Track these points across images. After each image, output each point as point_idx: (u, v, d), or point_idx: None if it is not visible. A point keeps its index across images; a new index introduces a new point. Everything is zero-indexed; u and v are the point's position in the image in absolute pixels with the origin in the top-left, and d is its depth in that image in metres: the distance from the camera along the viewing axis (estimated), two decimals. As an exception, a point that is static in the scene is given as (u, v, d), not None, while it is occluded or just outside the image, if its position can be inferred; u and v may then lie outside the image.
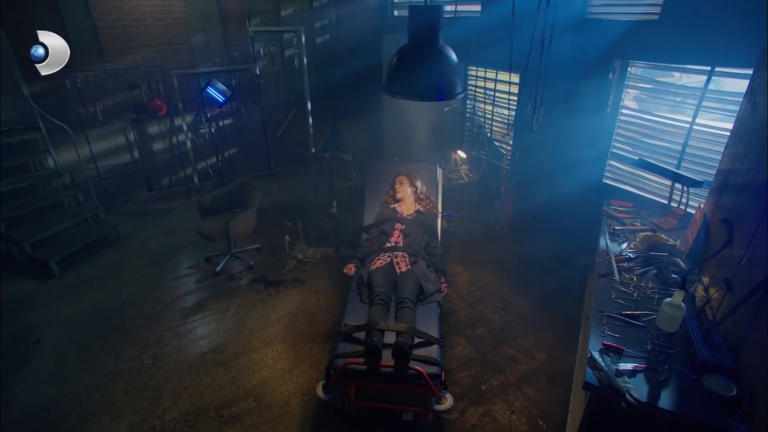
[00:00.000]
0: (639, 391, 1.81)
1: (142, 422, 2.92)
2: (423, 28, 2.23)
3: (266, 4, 6.62)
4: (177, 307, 4.07)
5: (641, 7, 3.61)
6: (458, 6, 5.66)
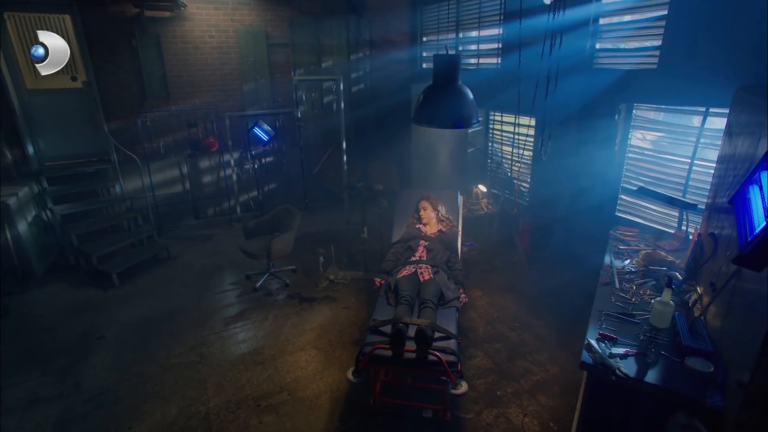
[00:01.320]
0: (629, 369, 2.09)
1: (189, 407, 3.29)
2: (444, 71, 2.76)
3: (309, 57, 7.49)
4: (220, 315, 4.52)
5: (641, 58, 4.09)
6: (480, 59, 6.33)
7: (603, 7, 4.40)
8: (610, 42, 4.48)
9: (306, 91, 7.45)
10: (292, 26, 7.20)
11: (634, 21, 4.20)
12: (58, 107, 6.18)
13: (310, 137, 7.66)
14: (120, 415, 3.20)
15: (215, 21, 6.67)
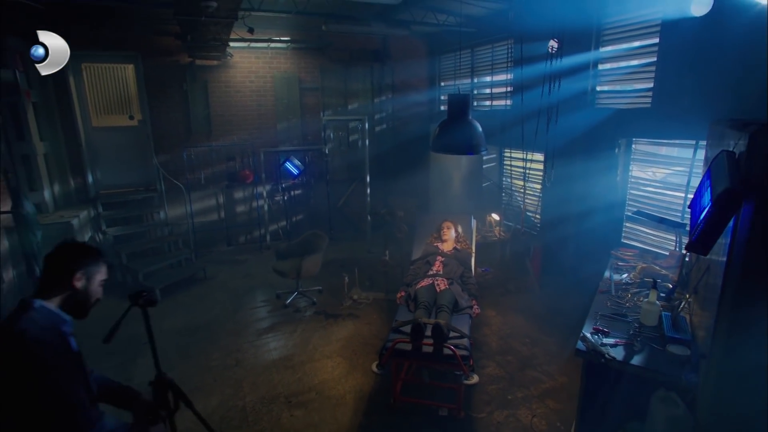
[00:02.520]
0: (617, 355, 2.42)
1: (228, 401, 3.66)
2: (457, 107, 3.28)
3: (337, 100, 8.24)
4: (253, 327, 4.93)
5: (636, 98, 4.58)
6: (493, 101, 6.92)
7: (601, 55, 4.95)
8: (608, 84, 4.99)
9: (333, 129, 8.15)
10: (322, 72, 8.01)
11: (628, 66, 4.72)
12: (115, 142, 6.97)
13: (335, 172, 8.27)
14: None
15: (255, 68, 7.51)
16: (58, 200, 6.33)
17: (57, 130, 6.38)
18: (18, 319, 1.55)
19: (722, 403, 1.92)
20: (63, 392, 1.56)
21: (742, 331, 1.77)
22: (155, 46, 6.74)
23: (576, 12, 4.81)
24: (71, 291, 1.72)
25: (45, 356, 1.52)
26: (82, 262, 1.75)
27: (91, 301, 1.82)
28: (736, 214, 1.73)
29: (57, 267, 1.72)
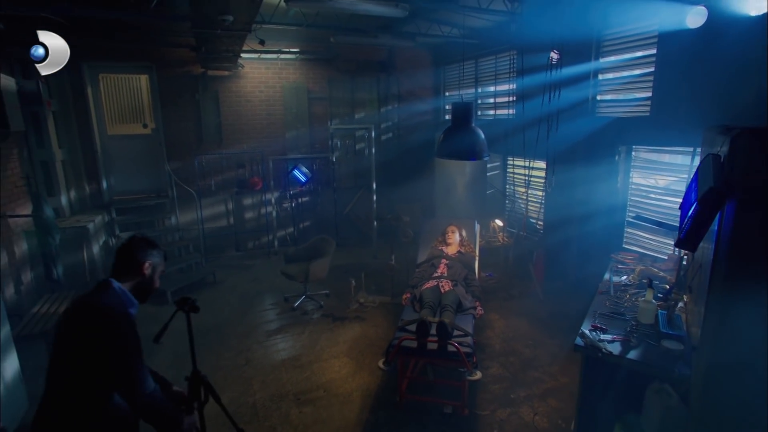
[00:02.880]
0: (613, 350, 2.53)
1: (238, 398, 3.78)
2: (461, 114, 3.43)
3: (344, 109, 8.44)
4: (262, 329, 5.06)
5: (636, 107, 4.72)
6: (497, 110, 7.08)
7: (601, 65, 5.10)
8: (608, 94, 5.14)
9: (340, 138, 8.33)
10: (330, 83, 8.22)
11: (627, 76, 4.86)
12: (129, 149, 7.20)
13: (342, 179, 8.43)
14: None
15: (265, 78, 7.73)
16: (74, 205, 6.54)
17: (74, 138, 6.61)
18: (101, 295, 1.81)
19: (712, 393, 2.03)
20: (133, 358, 1.80)
21: (729, 321, 1.89)
22: (169, 58, 6.98)
23: (577, 24, 4.97)
24: (140, 278, 1.95)
25: (125, 328, 1.77)
26: (151, 254, 1.99)
27: (152, 288, 2.03)
28: (720, 212, 1.85)
29: (129, 256, 1.94)
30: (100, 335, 1.72)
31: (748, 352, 1.87)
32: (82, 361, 1.74)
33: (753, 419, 1.88)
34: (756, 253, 1.77)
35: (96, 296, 1.81)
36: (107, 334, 1.73)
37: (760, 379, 1.87)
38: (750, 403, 1.90)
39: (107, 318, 1.74)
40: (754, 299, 1.78)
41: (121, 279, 1.91)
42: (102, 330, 1.72)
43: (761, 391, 1.86)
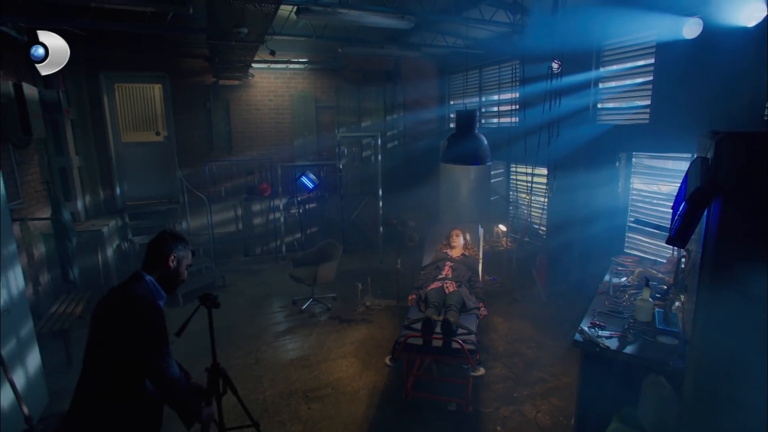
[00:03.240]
0: (611, 345, 2.64)
1: (249, 395, 3.90)
2: (464, 122, 3.58)
3: (351, 117, 8.64)
4: (271, 330, 5.19)
5: (635, 114, 4.85)
6: (500, 118, 7.24)
7: (601, 74, 5.25)
8: (609, 102, 5.28)
9: (347, 146, 8.51)
10: (337, 92, 8.43)
11: (627, 85, 5.01)
12: (142, 156, 7.41)
13: (349, 186, 8.59)
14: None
15: (274, 88, 7.95)
16: (89, 210, 6.74)
17: (90, 145, 6.83)
18: (134, 286, 1.94)
19: (703, 384, 2.13)
20: (161, 346, 1.92)
21: (717, 313, 2.00)
22: (182, 68, 7.22)
23: (577, 34, 5.12)
24: (167, 270, 2.06)
25: (155, 318, 1.91)
26: (176, 247, 2.10)
27: (179, 280, 2.13)
28: (707, 210, 1.97)
29: (157, 249, 2.07)
30: (132, 323, 1.85)
31: (736, 343, 1.98)
32: (116, 348, 1.87)
33: (741, 407, 1.98)
34: (740, 247, 1.89)
35: (130, 287, 1.95)
36: (139, 322, 1.86)
37: (748, 369, 1.97)
38: (738, 392, 2.00)
39: (139, 308, 1.87)
40: (740, 291, 1.89)
41: (150, 271, 2.04)
42: (134, 319, 1.86)
43: (749, 380, 1.96)
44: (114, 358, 1.88)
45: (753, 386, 1.94)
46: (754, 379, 1.94)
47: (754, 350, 1.92)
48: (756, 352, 1.92)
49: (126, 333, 1.86)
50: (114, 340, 1.87)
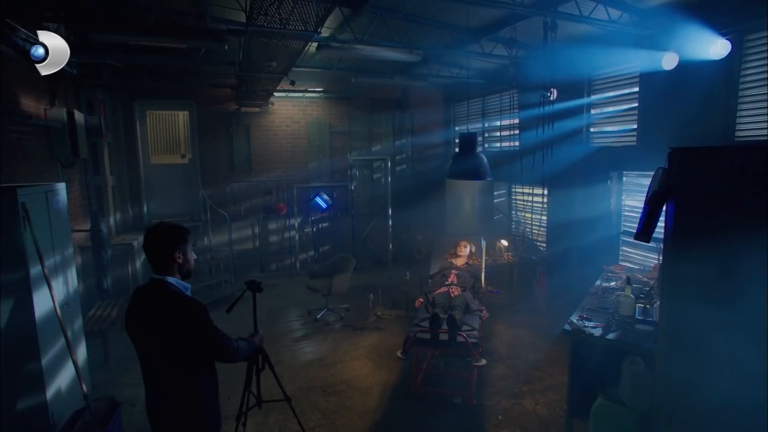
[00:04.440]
0: (595, 333, 3.02)
1: (271, 389, 4.24)
2: (467, 142, 4.07)
3: (362, 142, 9.21)
4: (289, 336, 5.58)
5: (623, 137, 5.33)
6: (503, 143, 7.75)
7: (592, 100, 5.77)
8: (600, 126, 5.77)
9: (359, 168, 9.05)
10: (349, 118, 9.04)
11: (615, 111, 5.50)
12: (168, 177, 7.98)
13: (360, 206, 9.07)
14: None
15: (291, 114, 8.57)
16: (119, 225, 7.26)
17: (122, 166, 7.42)
18: (165, 289, 2.04)
19: (669, 360, 2.50)
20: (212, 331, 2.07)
21: (676, 294, 2.39)
22: (208, 96, 7.87)
23: (569, 65, 5.65)
24: (177, 266, 2.11)
25: (197, 311, 2.04)
26: (175, 242, 2.10)
27: (191, 265, 2.19)
28: (665, 210, 2.40)
29: (159, 252, 2.07)
30: (188, 329, 1.99)
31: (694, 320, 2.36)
32: (172, 345, 2.01)
33: (701, 374, 2.34)
34: (690, 237, 2.30)
35: (162, 292, 2.03)
36: (194, 327, 2.01)
37: (704, 347, 2.35)
38: (697, 364, 2.37)
39: (190, 314, 2.00)
40: (693, 275, 2.29)
41: (164, 273, 2.06)
42: (189, 325, 2.00)
43: (706, 351, 2.33)
44: (173, 355, 2.04)
45: (710, 356, 2.31)
46: (710, 350, 2.31)
47: (709, 326, 2.30)
48: (710, 327, 2.30)
49: (184, 336, 2.00)
50: (170, 340, 2.00)
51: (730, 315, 2.17)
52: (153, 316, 2.04)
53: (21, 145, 4.56)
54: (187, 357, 2.07)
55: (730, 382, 2.19)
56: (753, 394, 2.12)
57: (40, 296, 3.11)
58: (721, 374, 2.23)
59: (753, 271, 2.08)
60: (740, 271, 2.14)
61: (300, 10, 3.02)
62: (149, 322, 2.05)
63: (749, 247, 2.08)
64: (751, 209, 2.09)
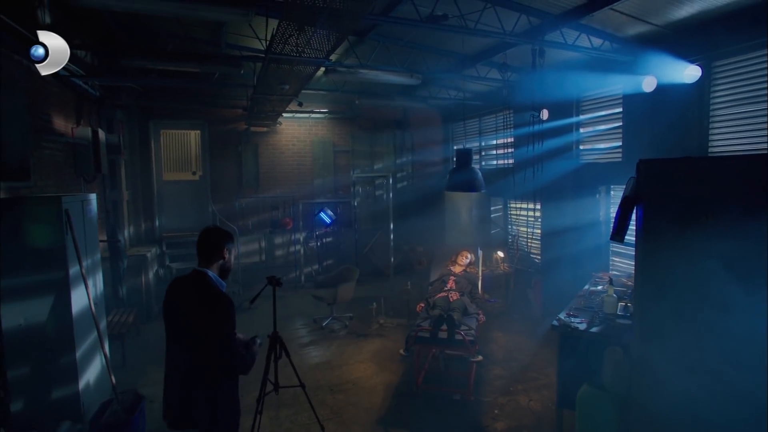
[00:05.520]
0: (581, 327, 3.33)
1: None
2: (463, 158, 4.45)
3: (365, 160, 9.63)
4: (297, 342, 5.85)
5: (609, 154, 5.72)
6: (498, 161, 8.16)
7: (581, 119, 6.19)
8: (588, 143, 6.18)
9: (361, 185, 9.45)
10: (352, 138, 9.48)
11: (602, 129, 5.92)
12: (180, 193, 8.36)
13: (362, 221, 9.43)
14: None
15: (297, 134, 9.02)
16: (132, 239, 7.59)
17: (137, 182, 7.80)
18: (204, 281, 2.31)
19: (643, 347, 2.81)
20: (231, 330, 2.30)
21: (647, 286, 2.72)
22: (219, 116, 8.33)
23: (559, 88, 6.10)
24: (222, 261, 2.39)
25: (228, 304, 2.28)
26: (228, 240, 2.44)
27: (231, 264, 2.50)
28: (635, 213, 2.75)
29: (211, 245, 2.39)
30: (220, 316, 2.24)
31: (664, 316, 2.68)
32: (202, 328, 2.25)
33: (668, 357, 2.65)
34: (656, 236, 2.63)
35: (201, 282, 2.29)
36: (225, 315, 2.26)
37: (672, 335, 2.66)
38: (666, 346, 2.68)
39: (223, 305, 2.26)
40: (659, 270, 2.63)
41: (208, 266, 2.33)
42: (221, 313, 2.25)
43: (673, 337, 2.65)
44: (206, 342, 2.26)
45: (676, 341, 2.62)
46: (676, 336, 2.62)
47: (675, 315, 2.62)
48: (676, 316, 2.62)
49: (214, 322, 2.24)
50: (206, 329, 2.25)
51: (691, 305, 2.50)
52: (192, 300, 2.29)
53: (52, 161, 4.94)
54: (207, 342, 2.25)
55: (695, 366, 2.50)
56: (713, 375, 2.42)
57: (77, 294, 3.43)
58: (686, 359, 2.54)
59: (710, 265, 2.42)
60: (699, 264, 2.48)
61: (316, 40, 3.43)
62: (187, 304, 2.30)
63: (706, 242, 2.42)
64: (704, 209, 2.44)
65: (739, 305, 2.33)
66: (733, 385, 2.35)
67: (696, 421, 2.46)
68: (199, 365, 2.31)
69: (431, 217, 8.81)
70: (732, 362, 2.37)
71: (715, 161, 3.25)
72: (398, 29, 5.22)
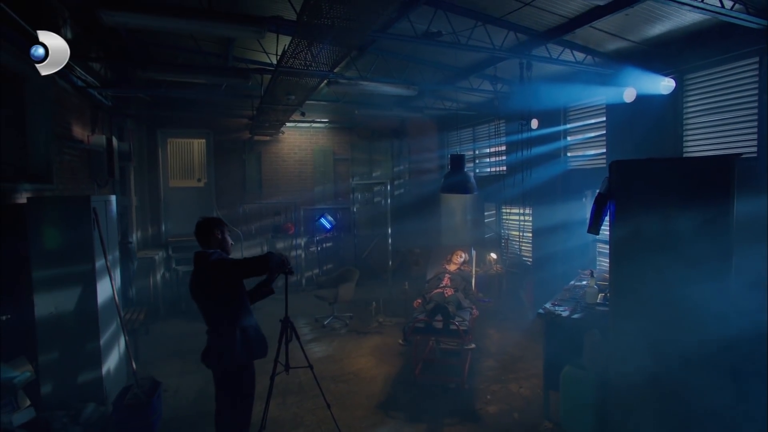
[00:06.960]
0: (563, 314, 3.65)
1: (287, 378, 4.80)
2: (456, 162, 4.80)
3: (363, 168, 9.99)
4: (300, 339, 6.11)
5: (594, 160, 6.10)
6: (492, 168, 8.53)
7: (567, 127, 6.58)
8: (574, 150, 6.56)
9: (360, 191, 9.79)
10: (351, 146, 9.84)
11: (587, 137, 6.30)
12: (185, 199, 8.66)
13: (361, 226, 9.75)
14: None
15: (299, 143, 9.37)
16: (140, 243, 7.87)
17: (144, 189, 8.11)
18: (211, 256, 2.91)
19: (618, 329, 3.13)
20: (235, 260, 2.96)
21: (620, 278, 3.05)
22: (224, 125, 8.68)
23: (547, 98, 6.49)
24: (217, 241, 3.03)
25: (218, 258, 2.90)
26: (216, 225, 3.06)
27: (228, 245, 3.13)
28: (608, 208, 3.10)
29: (203, 233, 3.02)
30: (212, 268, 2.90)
31: (634, 297, 3.01)
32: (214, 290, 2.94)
33: (641, 338, 2.97)
34: (626, 229, 2.97)
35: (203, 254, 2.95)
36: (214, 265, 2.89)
37: (645, 318, 2.99)
38: (639, 330, 3.00)
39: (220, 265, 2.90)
40: (629, 259, 2.96)
41: (207, 248, 2.98)
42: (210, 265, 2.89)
43: (645, 318, 2.97)
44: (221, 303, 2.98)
45: (648, 321, 2.95)
46: (647, 317, 2.95)
47: (643, 297, 2.95)
48: (645, 298, 2.94)
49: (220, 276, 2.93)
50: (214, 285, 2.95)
51: (657, 287, 2.83)
52: (200, 266, 2.94)
53: (70, 166, 5.25)
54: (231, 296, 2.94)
55: (660, 340, 2.83)
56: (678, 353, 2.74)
57: (102, 285, 3.72)
58: (653, 334, 2.87)
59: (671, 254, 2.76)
60: (664, 252, 2.82)
61: (323, 54, 3.79)
62: (198, 270, 2.96)
63: (669, 232, 2.77)
64: (666, 203, 2.78)
65: (697, 287, 2.67)
66: (692, 354, 2.67)
67: (660, 386, 2.78)
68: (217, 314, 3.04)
69: (428, 221, 9.16)
70: (692, 334, 2.69)
71: (675, 162, 3.61)
72: (396, 44, 5.59)
